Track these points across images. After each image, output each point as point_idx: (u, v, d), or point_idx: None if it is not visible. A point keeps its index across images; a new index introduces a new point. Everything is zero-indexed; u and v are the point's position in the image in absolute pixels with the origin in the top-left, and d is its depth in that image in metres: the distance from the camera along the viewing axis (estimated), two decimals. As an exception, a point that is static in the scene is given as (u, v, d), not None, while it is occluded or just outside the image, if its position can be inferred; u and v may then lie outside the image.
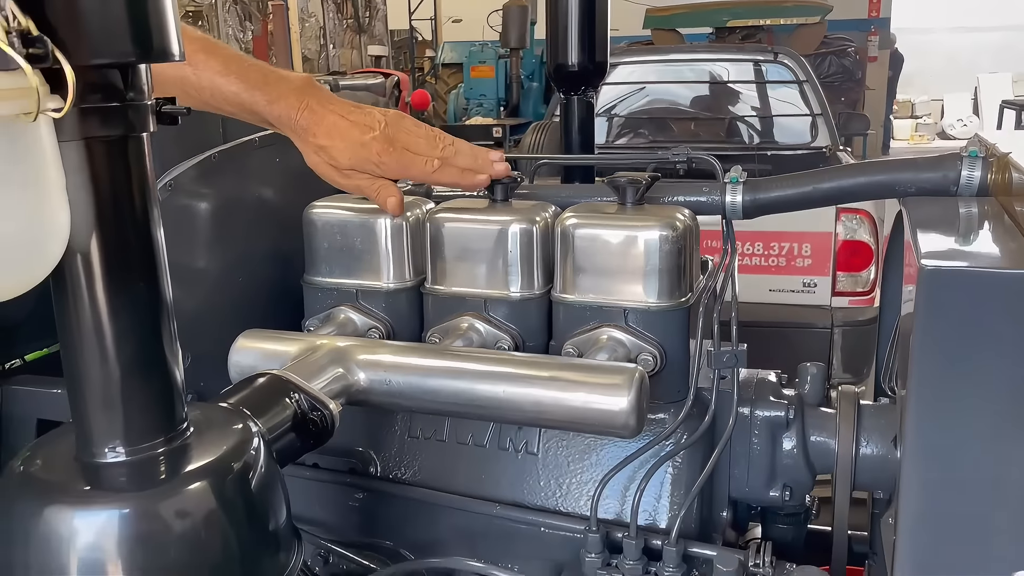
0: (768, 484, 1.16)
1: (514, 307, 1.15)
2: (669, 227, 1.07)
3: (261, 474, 0.79)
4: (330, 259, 1.24)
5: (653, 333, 1.09)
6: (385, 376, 1.03)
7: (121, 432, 0.73)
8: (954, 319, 0.81)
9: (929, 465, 0.83)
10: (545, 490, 1.15)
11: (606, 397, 0.95)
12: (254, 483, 0.78)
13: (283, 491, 0.83)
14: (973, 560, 0.84)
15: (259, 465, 0.79)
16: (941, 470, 0.83)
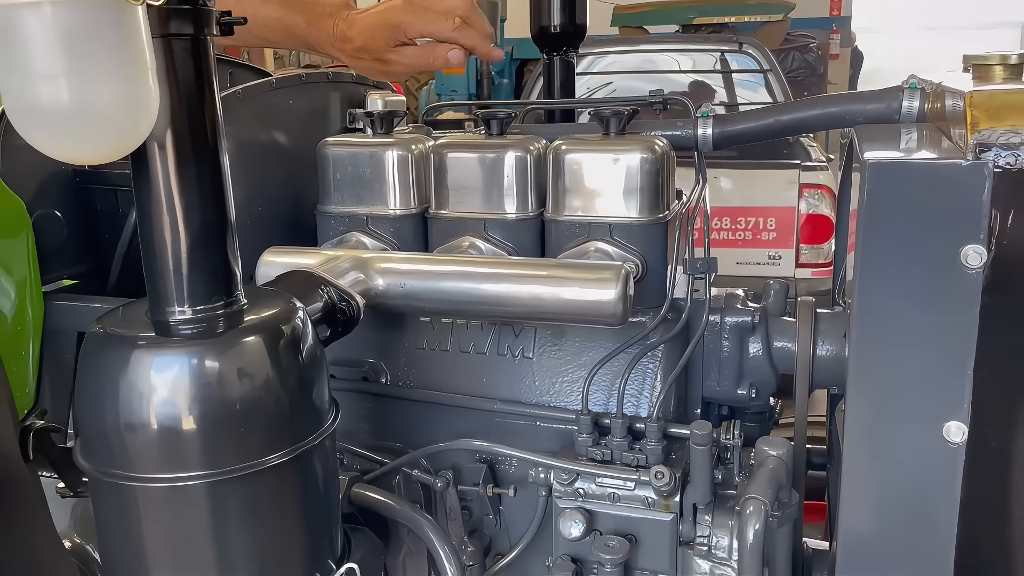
0: (736, 383, 1.30)
1: (510, 227, 1.29)
2: (649, 151, 1.21)
3: (306, 337, 0.91)
4: (342, 189, 1.36)
5: (635, 245, 1.23)
6: (400, 280, 1.16)
7: (187, 293, 0.85)
8: (892, 205, 0.96)
9: (873, 326, 0.98)
10: (540, 389, 1.29)
11: (596, 290, 1.09)
12: (300, 343, 0.90)
13: (324, 360, 0.95)
14: (911, 412, 0.99)
15: (304, 330, 0.92)
16: (882, 330, 0.98)
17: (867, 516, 1.04)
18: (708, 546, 1.11)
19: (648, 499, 1.15)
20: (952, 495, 0.99)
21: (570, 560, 1.16)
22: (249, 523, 0.87)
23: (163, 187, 0.81)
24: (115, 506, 0.85)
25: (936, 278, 0.95)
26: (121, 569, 0.87)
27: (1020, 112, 0.94)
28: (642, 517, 1.15)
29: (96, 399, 0.83)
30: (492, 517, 1.31)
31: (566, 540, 1.16)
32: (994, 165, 0.91)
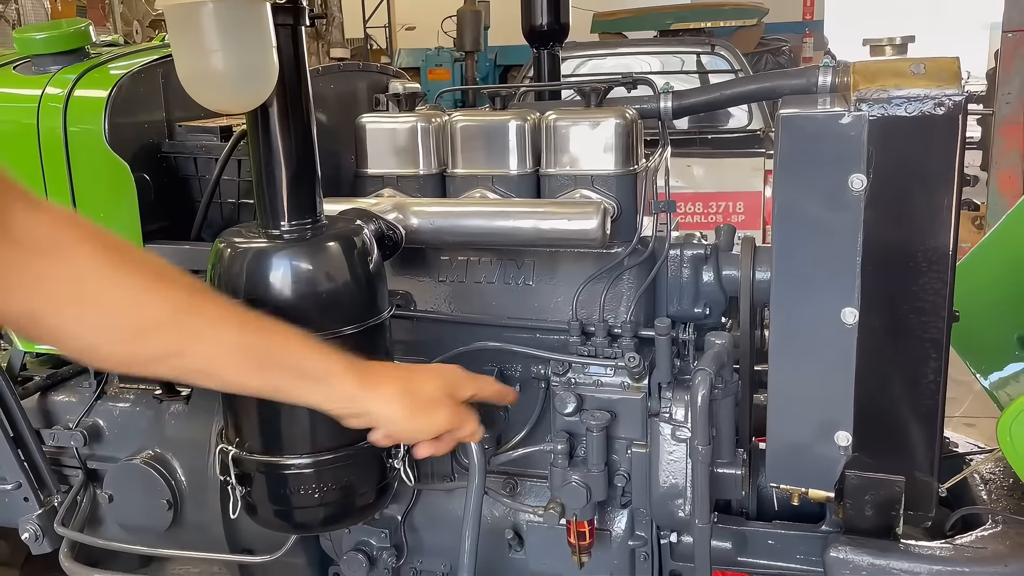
0: (693, 304, 1.64)
1: (513, 181, 1.62)
2: (622, 117, 1.55)
3: (369, 246, 1.25)
4: (376, 155, 1.69)
5: (612, 192, 1.56)
6: (430, 219, 1.50)
7: (287, 213, 1.19)
8: (798, 146, 1.30)
9: (787, 239, 1.33)
10: (538, 309, 1.62)
11: (582, 220, 1.43)
12: (365, 249, 1.24)
13: (382, 265, 1.29)
14: (816, 302, 1.33)
15: (367, 240, 1.25)
16: (794, 241, 1.32)
17: (789, 386, 1.39)
18: (670, 414, 1.45)
19: (624, 383, 1.49)
20: (849, 363, 1.34)
21: (565, 433, 1.50)
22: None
23: (276, 133, 1.14)
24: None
25: (831, 199, 1.30)
26: (244, 412, 1.20)
27: (889, 76, 1.29)
28: (620, 397, 1.49)
29: (229, 288, 1.16)
30: (501, 413, 1.64)
31: (561, 417, 1.49)
32: (869, 115, 1.26)
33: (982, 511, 1.53)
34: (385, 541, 1.68)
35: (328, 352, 1.11)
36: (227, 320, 1.03)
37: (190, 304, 1.00)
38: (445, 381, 1.23)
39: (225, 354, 1.02)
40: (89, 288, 0.92)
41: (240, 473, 1.23)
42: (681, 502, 1.46)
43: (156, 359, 0.99)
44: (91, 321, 0.93)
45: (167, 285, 0.99)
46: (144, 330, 0.96)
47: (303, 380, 1.08)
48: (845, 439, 1.37)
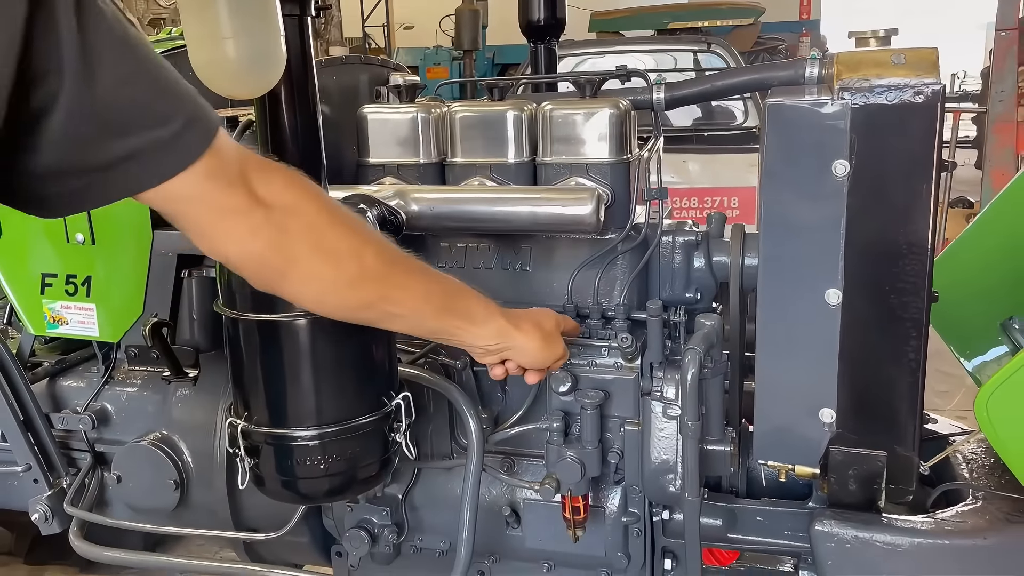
0: (685, 289, 1.70)
1: (510, 169, 1.67)
2: (615, 107, 1.61)
3: (373, 226, 1.30)
4: (378, 144, 1.75)
5: (606, 179, 1.62)
6: (430, 205, 1.55)
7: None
8: (785, 134, 1.35)
9: (774, 223, 1.38)
10: (535, 293, 1.68)
11: (577, 206, 1.49)
12: (370, 232, 1.29)
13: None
14: (802, 284, 1.39)
15: (374, 226, 1.30)
16: (781, 225, 1.38)
17: (775, 366, 1.44)
18: (661, 393, 1.50)
19: (617, 363, 1.54)
20: (833, 343, 1.39)
21: (560, 412, 1.55)
22: (341, 354, 1.26)
23: (283, 118, 1.20)
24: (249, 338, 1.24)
25: (816, 184, 1.35)
26: (252, 387, 1.26)
27: (870, 66, 1.34)
28: (613, 377, 1.54)
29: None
30: (499, 395, 1.70)
31: (557, 396, 1.55)
32: (851, 103, 1.31)
33: (963, 487, 1.59)
34: (386, 519, 1.73)
35: (484, 298, 1.31)
36: (419, 271, 1.21)
37: (393, 256, 1.16)
38: (555, 320, 1.44)
39: (420, 301, 1.20)
40: (326, 238, 1.05)
41: (249, 445, 1.28)
42: (672, 477, 1.51)
43: (368, 304, 1.14)
44: (326, 270, 1.07)
45: (375, 239, 1.14)
46: (365, 279, 1.11)
47: (469, 322, 1.28)
48: (829, 416, 1.42)
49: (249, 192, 0.97)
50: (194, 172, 0.89)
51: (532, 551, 1.71)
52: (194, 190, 0.91)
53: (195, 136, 0.89)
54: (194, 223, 0.98)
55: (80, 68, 0.78)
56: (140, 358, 1.86)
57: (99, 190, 0.86)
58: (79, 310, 1.80)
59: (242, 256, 1.02)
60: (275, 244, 1.01)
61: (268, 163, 1.03)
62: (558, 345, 1.43)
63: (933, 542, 1.45)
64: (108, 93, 0.80)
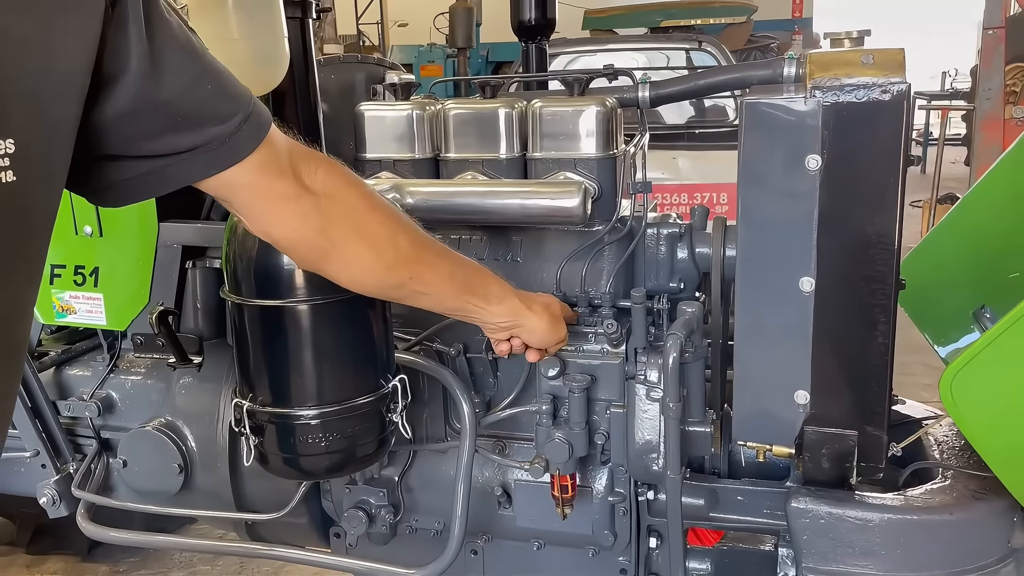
0: (669, 279, 1.77)
1: (501, 165, 1.75)
2: (602, 105, 1.68)
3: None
4: (374, 140, 1.81)
5: (593, 174, 1.69)
6: (425, 198, 1.63)
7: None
8: (760, 130, 1.43)
9: (751, 216, 1.46)
10: (526, 283, 1.75)
11: (565, 198, 1.56)
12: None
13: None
14: (776, 272, 1.46)
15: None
16: (756, 218, 1.45)
17: (753, 350, 1.52)
18: (644, 377, 1.58)
19: (603, 349, 1.62)
20: (807, 328, 1.47)
21: (549, 396, 1.63)
22: (341, 338, 1.33)
23: (286, 114, 1.27)
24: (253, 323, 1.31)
25: (790, 179, 1.43)
26: (257, 369, 1.33)
27: (841, 66, 1.42)
28: (599, 362, 1.62)
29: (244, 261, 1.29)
30: (491, 380, 1.77)
31: (546, 380, 1.62)
32: (823, 101, 1.39)
33: (932, 466, 1.67)
34: (383, 500, 1.80)
35: (500, 280, 1.41)
36: (444, 253, 1.31)
37: (423, 240, 1.25)
38: (560, 304, 1.55)
39: (445, 280, 1.29)
40: (365, 223, 1.15)
41: (254, 425, 1.35)
42: (655, 456, 1.59)
43: (400, 284, 1.23)
44: (365, 252, 1.16)
45: (407, 224, 1.23)
46: (399, 261, 1.20)
47: (486, 301, 1.37)
48: (804, 398, 1.50)
49: (297, 180, 1.05)
50: (249, 163, 0.98)
51: (523, 530, 1.78)
52: (249, 178, 1.00)
53: (251, 131, 0.97)
54: (248, 207, 1.07)
55: (148, 70, 0.86)
56: (146, 346, 1.93)
57: (165, 178, 0.94)
58: (87, 300, 1.87)
59: (291, 239, 1.12)
60: (321, 229, 1.10)
61: (313, 153, 1.11)
62: (562, 328, 1.51)
63: (902, 517, 1.53)
64: (174, 94, 0.89)
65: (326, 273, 1.19)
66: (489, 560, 1.86)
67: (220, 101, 0.94)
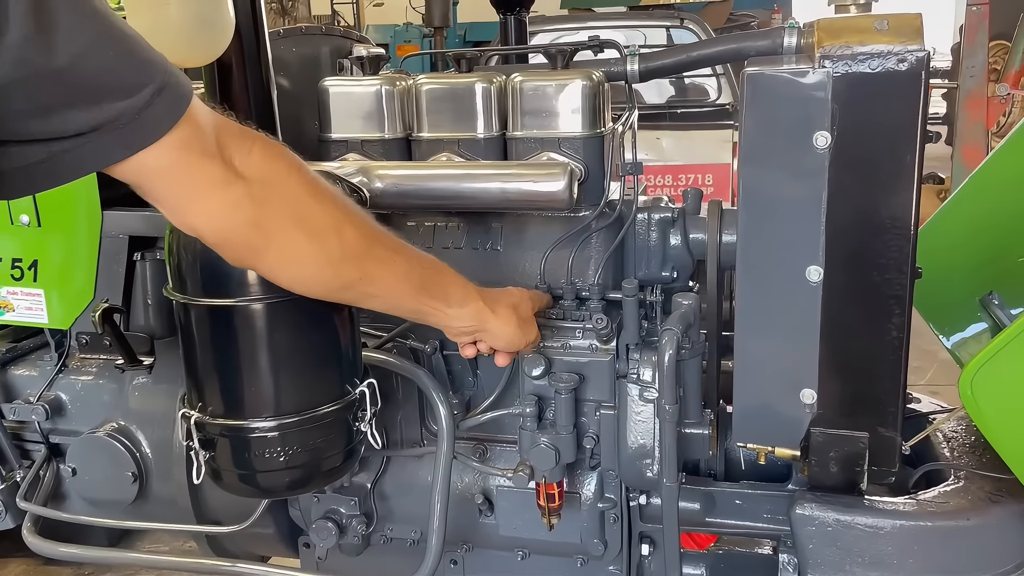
0: (661, 267, 1.64)
1: (479, 145, 1.60)
2: (588, 78, 1.54)
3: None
4: (340, 118, 1.66)
5: (579, 154, 1.55)
6: (395, 182, 1.48)
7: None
8: (763, 104, 1.30)
9: (753, 199, 1.33)
10: (506, 274, 1.61)
11: (549, 182, 1.42)
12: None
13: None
14: (782, 261, 1.34)
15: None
16: (759, 201, 1.32)
17: (755, 345, 1.39)
18: (637, 376, 1.45)
19: (592, 345, 1.49)
20: (814, 322, 1.34)
21: (533, 397, 1.49)
22: (300, 340, 1.19)
23: (234, 87, 1.12)
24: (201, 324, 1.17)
25: (796, 158, 1.30)
26: (206, 376, 1.19)
27: (852, 33, 1.29)
28: (588, 360, 1.49)
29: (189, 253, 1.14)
30: (471, 379, 1.64)
31: (530, 380, 1.49)
32: (833, 71, 1.26)
33: (945, 467, 1.56)
34: (355, 509, 1.67)
35: (462, 280, 1.28)
36: (399, 249, 1.16)
37: (375, 234, 1.11)
38: (530, 303, 1.41)
39: (399, 280, 1.15)
40: (307, 214, 1.00)
41: (204, 438, 1.21)
42: (649, 462, 1.46)
43: (348, 285, 1.10)
44: (307, 247, 1.02)
45: (357, 215, 1.09)
46: (347, 257, 1.06)
47: (445, 304, 1.24)
48: (810, 397, 1.37)
49: (226, 163, 0.92)
50: (167, 143, 0.85)
51: (506, 539, 1.66)
52: (167, 162, 0.87)
53: (166, 105, 0.83)
54: (167, 197, 0.93)
55: (33, 31, 0.72)
56: (92, 346, 1.77)
57: (65, 164, 0.80)
58: (26, 296, 1.71)
59: (220, 232, 0.97)
60: (254, 220, 0.96)
61: (247, 132, 0.98)
62: (532, 329, 1.40)
63: (916, 524, 1.42)
64: (68, 60, 0.75)
65: (262, 271, 1.05)
66: (470, 571, 1.74)
67: (126, 69, 0.80)
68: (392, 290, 1.15)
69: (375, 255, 1.10)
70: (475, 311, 1.28)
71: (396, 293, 1.16)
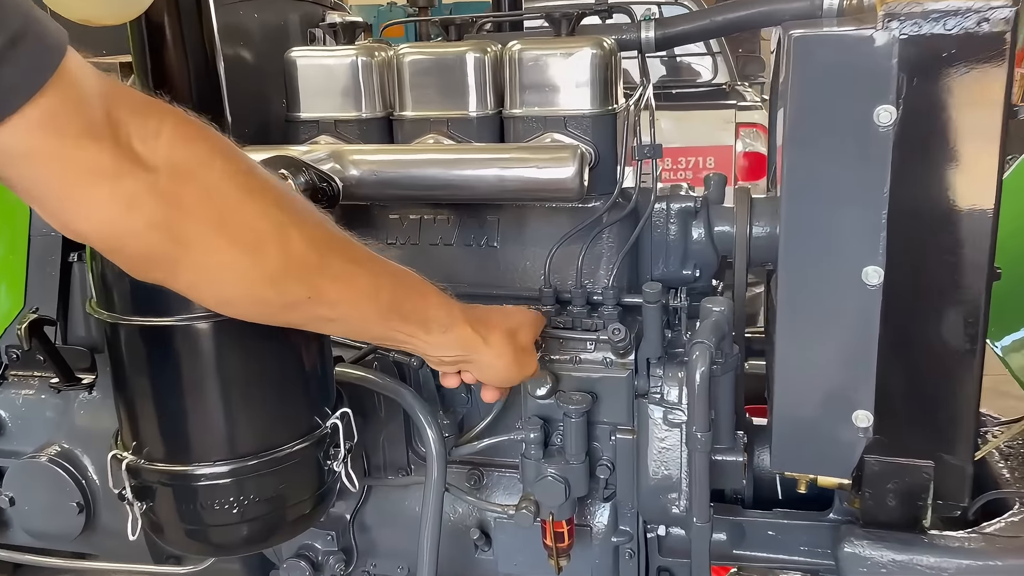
0: (682, 265, 1.43)
1: (472, 125, 1.38)
2: (598, 46, 1.32)
3: (296, 201, 1.00)
4: (309, 95, 1.44)
5: (588, 135, 1.33)
6: (373, 169, 1.26)
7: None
8: (814, 73, 1.08)
9: (799, 185, 1.11)
10: (505, 274, 1.40)
11: (555, 168, 1.20)
12: (292, 206, 0.99)
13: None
14: (834, 261, 1.12)
15: (294, 194, 1.00)
16: (807, 188, 1.11)
17: (799, 359, 1.18)
18: (661, 395, 1.24)
19: (606, 359, 1.27)
20: (871, 332, 1.13)
21: (538, 419, 1.28)
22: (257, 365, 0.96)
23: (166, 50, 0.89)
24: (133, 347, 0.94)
25: (853, 137, 1.08)
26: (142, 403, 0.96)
27: (922, -13, 1.07)
28: (601, 376, 1.27)
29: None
30: (464, 395, 1.42)
31: (534, 400, 1.27)
32: (900, 32, 1.04)
33: (1008, 495, 1.36)
34: (332, 544, 1.46)
35: (445, 299, 1.05)
36: (364, 262, 0.94)
37: (332, 241, 0.89)
38: (533, 328, 1.19)
39: (363, 299, 0.93)
40: (236, 215, 0.78)
41: (139, 486, 0.99)
42: (675, 496, 1.26)
43: (292, 304, 0.86)
44: (235, 258, 0.79)
45: (307, 217, 0.87)
46: (291, 270, 0.83)
47: (424, 330, 1.02)
48: (865, 419, 1.17)
49: (119, 146, 0.70)
50: (27, 118, 0.63)
51: (506, 577, 1.45)
52: (29, 144, 0.65)
53: (25, 63, 0.62)
54: (36, 191, 0.70)
55: None
56: (24, 362, 1.54)
57: None
58: (-53, 304, 1.48)
59: (109, 238, 0.74)
60: (160, 221, 0.73)
61: (152, 104, 0.75)
62: (530, 362, 1.17)
63: (985, 563, 1.22)
64: None
65: (179, 289, 0.81)
66: (465, 611, 1.53)
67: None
68: (353, 312, 0.93)
69: (330, 268, 0.87)
70: (461, 338, 1.05)
71: (358, 316, 0.94)
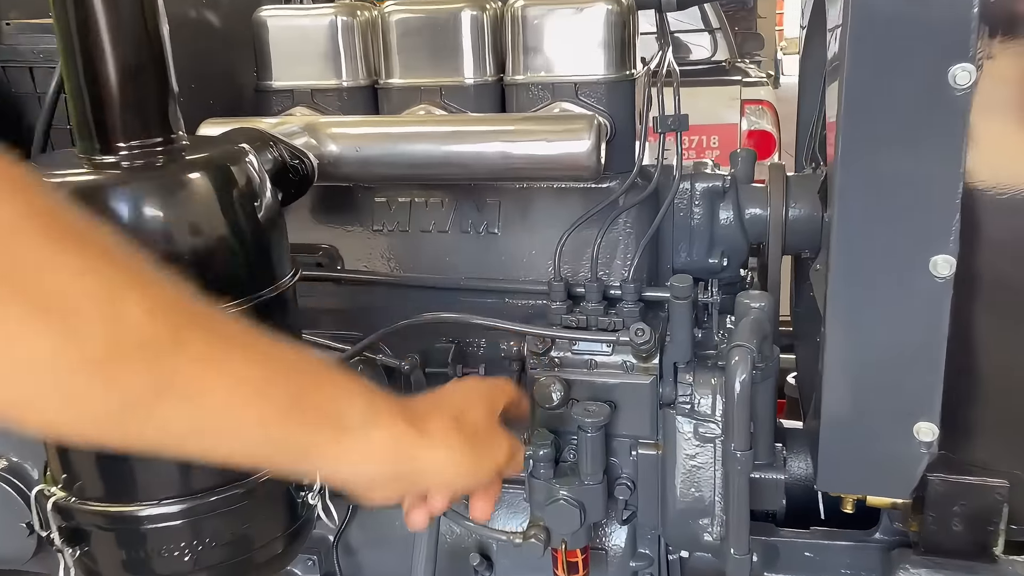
0: (708, 252, 1.26)
1: (468, 93, 1.21)
2: (614, 2, 1.14)
3: (256, 182, 0.83)
4: (283, 63, 1.26)
5: (603, 105, 1.17)
6: (355, 144, 1.08)
7: (120, 129, 0.76)
8: (878, 24, 0.91)
9: (857, 157, 0.94)
10: (507, 265, 1.23)
11: (569, 141, 1.03)
12: (250, 187, 0.82)
13: (277, 209, 0.87)
14: (896, 249, 0.96)
15: (255, 174, 0.83)
16: (867, 161, 0.94)
17: (852, 363, 1.02)
18: (691, 406, 1.07)
19: (626, 363, 1.10)
20: (940, 331, 0.97)
21: (548, 433, 1.11)
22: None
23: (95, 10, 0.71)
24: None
25: (923, 100, 0.91)
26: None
27: (1007, -78, 0.90)
28: (620, 382, 1.10)
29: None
30: (462, 402, 1.25)
31: (543, 410, 1.11)
32: (984, -24, 0.87)
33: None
34: (313, 570, 1.29)
35: (370, 387, 0.76)
36: (234, 337, 0.63)
37: (182, 310, 0.58)
38: (485, 401, 0.91)
39: (240, 387, 0.61)
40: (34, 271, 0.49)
41: (72, 529, 0.81)
42: (707, 522, 1.09)
43: (130, 403, 0.56)
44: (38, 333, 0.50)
45: (148, 278, 0.57)
46: (123, 349, 0.53)
47: (337, 429, 0.70)
48: (929, 432, 1.00)
49: None
50: None
51: (510, 606, 1.29)
52: None
53: None
54: None
55: None
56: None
57: None
58: None
59: None
60: None
61: None
62: (497, 444, 0.90)
63: (1061, 595, 1.06)
64: None
65: None
66: (464, 641, 1.37)
67: None
68: (225, 412, 0.61)
69: (189, 347, 0.57)
70: (393, 438, 0.75)
71: (234, 417, 0.62)
